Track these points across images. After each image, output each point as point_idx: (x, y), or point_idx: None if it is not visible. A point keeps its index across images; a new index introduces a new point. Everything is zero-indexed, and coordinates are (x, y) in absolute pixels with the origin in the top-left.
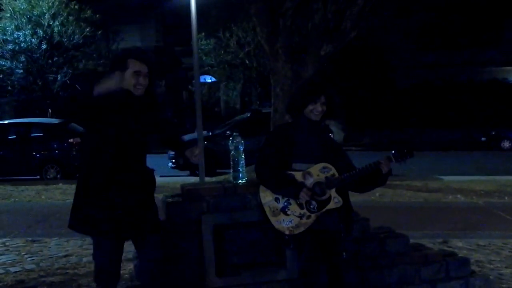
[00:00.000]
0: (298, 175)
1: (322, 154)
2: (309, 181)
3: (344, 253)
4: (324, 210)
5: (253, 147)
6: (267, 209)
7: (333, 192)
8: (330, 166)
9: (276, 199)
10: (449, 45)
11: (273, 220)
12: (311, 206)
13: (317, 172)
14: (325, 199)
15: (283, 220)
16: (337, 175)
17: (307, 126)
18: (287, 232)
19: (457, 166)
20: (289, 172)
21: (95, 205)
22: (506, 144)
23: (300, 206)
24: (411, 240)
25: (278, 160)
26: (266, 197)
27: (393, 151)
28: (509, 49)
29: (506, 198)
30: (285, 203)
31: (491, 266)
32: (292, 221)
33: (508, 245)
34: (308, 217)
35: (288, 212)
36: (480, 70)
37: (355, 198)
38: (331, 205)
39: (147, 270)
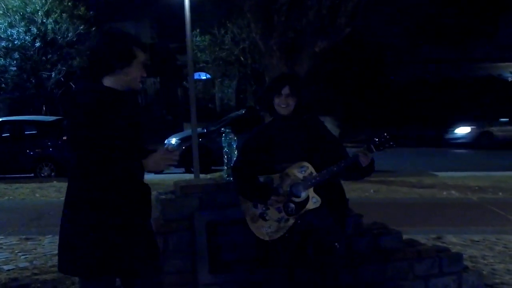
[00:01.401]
0: (276, 178)
1: (305, 151)
2: (286, 183)
3: (336, 244)
4: (302, 211)
5: None
6: (246, 216)
7: (311, 192)
8: (307, 165)
9: (255, 205)
10: (444, 40)
11: (253, 226)
12: (289, 209)
13: (294, 172)
14: (302, 200)
15: (262, 226)
16: (314, 173)
17: (282, 123)
18: (267, 238)
19: (452, 162)
20: (266, 176)
21: (90, 239)
22: None
23: (278, 209)
24: (405, 236)
25: (256, 164)
26: (245, 203)
27: (373, 139)
28: (504, 44)
29: (500, 193)
30: (264, 208)
31: (485, 261)
32: (271, 226)
33: (502, 240)
34: (287, 220)
35: (267, 218)
36: (475, 66)
37: (349, 194)
38: (309, 206)
39: None
